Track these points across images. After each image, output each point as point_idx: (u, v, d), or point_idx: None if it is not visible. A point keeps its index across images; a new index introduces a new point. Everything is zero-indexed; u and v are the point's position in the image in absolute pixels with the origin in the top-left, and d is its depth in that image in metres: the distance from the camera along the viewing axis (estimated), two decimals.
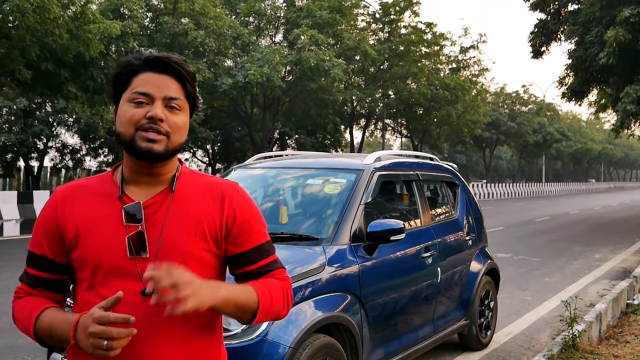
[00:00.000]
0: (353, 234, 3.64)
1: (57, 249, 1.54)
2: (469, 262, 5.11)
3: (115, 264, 1.47)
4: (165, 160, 1.51)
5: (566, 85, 21.15)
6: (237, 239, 1.56)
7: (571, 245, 13.18)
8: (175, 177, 1.56)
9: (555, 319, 6.44)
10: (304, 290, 3.17)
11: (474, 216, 5.47)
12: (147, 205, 1.51)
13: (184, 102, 1.52)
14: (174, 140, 1.49)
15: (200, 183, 1.59)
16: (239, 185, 1.63)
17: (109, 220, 1.50)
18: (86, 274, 1.50)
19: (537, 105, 51.85)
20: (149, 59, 1.50)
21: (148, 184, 1.54)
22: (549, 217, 21.66)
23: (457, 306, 4.90)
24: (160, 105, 1.48)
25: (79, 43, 14.45)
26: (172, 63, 1.50)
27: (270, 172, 4.49)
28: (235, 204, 1.57)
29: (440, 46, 32.25)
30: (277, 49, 23.57)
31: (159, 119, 1.46)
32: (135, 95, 1.48)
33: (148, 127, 1.46)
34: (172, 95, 1.49)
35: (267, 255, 1.61)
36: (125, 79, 1.51)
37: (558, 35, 20.98)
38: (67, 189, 1.58)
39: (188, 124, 1.55)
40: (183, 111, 1.52)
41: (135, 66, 1.50)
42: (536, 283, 8.65)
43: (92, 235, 1.50)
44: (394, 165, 4.47)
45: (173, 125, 1.49)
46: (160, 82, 1.49)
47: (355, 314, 3.49)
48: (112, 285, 1.46)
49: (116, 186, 1.54)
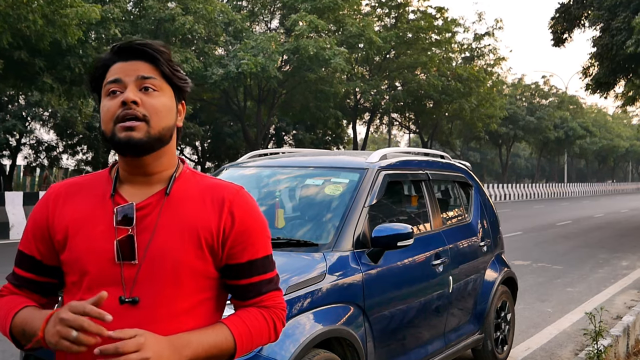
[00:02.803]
0: (356, 239, 3.64)
1: (45, 250, 1.57)
2: (483, 270, 5.11)
3: (102, 269, 1.49)
4: (150, 150, 1.50)
5: (590, 75, 21.15)
6: (232, 249, 1.56)
7: (596, 252, 13.17)
8: (173, 177, 1.57)
9: (578, 332, 6.44)
10: (302, 302, 3.17)
11: (489, 220, 5.47)
12: (141, 207, 1.52)
13: (160, 82, 1.52)
14: (154, 125, 1.49)
15: (201, 185, 1.59)
16: (244, 190, 1.62)
17: (99, 222, 1.52)
18: (74, 278, 1.52)
19: (558, 98, 51.88)
20: (115, 48, 1.53)
21: (144, 184, 1.55)
22: (571, 221, 21.67)
23: (470, 319, 4.91)
24: (133, 89, 1.49)
25: (55, 29, 14.44)
26: (138, 46, 1.51)
27: (265, 171, 4.49)
28: (236, 210, 1.56)
29: (452, 33, 32.26)
30: (272, 36, 23.57)
31: (132, 102, 1.47)
32: (109, 86, 1.50)
33: (123, 115, 1.47)
34: (145, 74, 1.50)
35: (262, 272, 1.60)
36: (99, 75, 1.54)
37: (582, 21, 20.97)
38: (62, 186, 1.61)
39: (173, 108, 1.55)
40: (162, 92, 1.52)
41: (106, 60, 1.54)
42: (557, 293, 8.66)
43: (80, 237, 1.52)
44: (402, 164, 4.47)
45: (150, 107, 1.49)
46: (130, 67, 1.51)
47: (359, 327, 3.49)
48: (97, 292, 1.46)
49: (111, 185, 1.56)
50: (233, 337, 1.52)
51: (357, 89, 30.90)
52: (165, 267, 1.49)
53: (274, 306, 1.62)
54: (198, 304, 1.54)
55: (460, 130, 43.38)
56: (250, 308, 1.60)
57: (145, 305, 1.47)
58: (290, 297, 3.08)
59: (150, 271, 1.49)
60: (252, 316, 1.58)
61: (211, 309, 1.58)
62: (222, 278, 1.60)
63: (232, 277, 1.59)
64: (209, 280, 1.56)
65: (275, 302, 1.63)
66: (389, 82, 32.90)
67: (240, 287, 1.60)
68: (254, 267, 1.58)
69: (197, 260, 1.52)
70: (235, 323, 1.54)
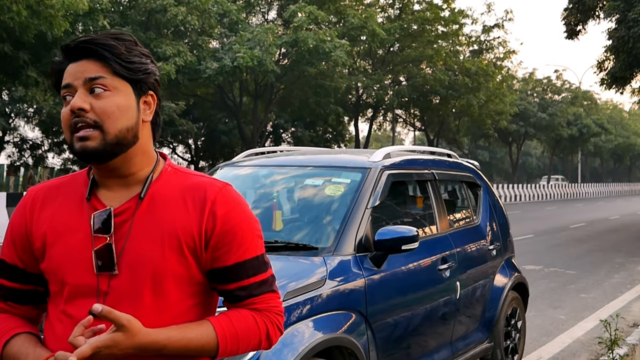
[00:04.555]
0: (358, 242, 3.64)
1: (27, 258, 1.56)
2: (492, 275, 5.12)
3: (80, 280, 1.48)
4: (110, 156, 1.47)
5: (606, 70, 21.14)
6: (216, 252, 1.52)
7: (612, 256, 13.18)
8: (149, 178, 1.53)
9: (593, 341, 6.44)
10: (300, 309, 3.17)
11: (499, 222, 5.47)
12: (119, 212, 1.50)
13: (112, 79, 1.46)
14: (109, 130, 1.44)
15: (182, 184, 1.55)
16: (230, 187, 1.58)
17: (77, 229, 1.50)
18: (55, 287, 1.52)
19: (572, 94, 51.88)
20: (63, 48, 1.50)
21: (121, 186, 1.52)
22: (585, 223, 21.67)
23: (479, 326, 4.91)
24: (82, 93, 1.45)
25: (40, 21, 14.46)
26: (81, 44, 1.47)
27: (262, 170, 4.49)
28: (218, 209, 1.52)
29: (460, 25, 32.29)
30: (270, 27, 23.58)
31: (79, 109, 1.43)
32: (63, 92, 1.48)
33: (75, 123, 1.44)
34: (92, 76, 1.45)
35: (252, 275, 1.56)
36: (57, 80, 1.51)
37: (596, 12, 20.98)
38: (39, 190, 1.59)
39: (132, 106, 1.49)
40: (115, 92, 1.46)
41: (59, 63, 1.51)
42: (571, 300, 8.66)
43: (58, 246, 1.50)
44: (406, 163, 4.47)
45: (100, 111, 1.44)
46: (78, 68, 1.47)
47: (361, 336, 3.49)
48: (77, 304, 1.47)
49: (87, 187, 1.54)
50: (216, 336, 1.49)
51: (359, 84, 30.93)
52: (145, 277, 1.47)
53: (267, 309, 1.58)
54: (185, 312, 1.52)
55: (468, 127, 43.37)
56: (241, 309, 1.57)
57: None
58: (288, 304, 3.07)
59: (130, 282, 1.47)
60: (242, 317, 1.54)
61: (199, 316, 1.56)
62: (211, 283, 1.57)
63: (219, 282, 1.56)
64: (194, 287, 1.54)
65: (269, 305, 1.59)
66: (393, 77, 32.93)
67: (229, 291, 1.57)
68: (242, 269, 1.54)
69: (179, 267, 1.49)
70: (222, 322, 1.52)
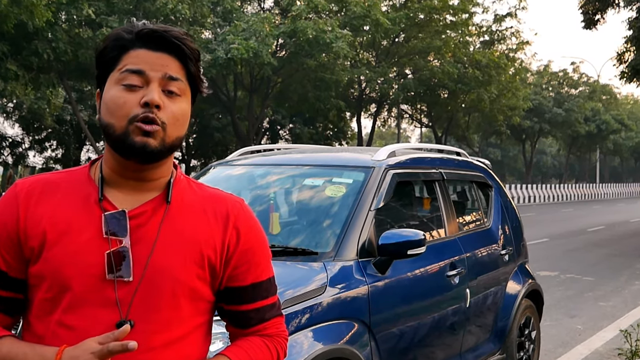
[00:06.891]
0: (361, 247, 3.64)
1: (12, 259, 1.49)
2: (505, 282, 5.12)
3: (89, 285, 1.44)
4: (160, 159, 1.48)
5: (626, 62, 21.15)
6: (235, 270, 1.56)
7: (632, 262, 13.19)
8: (170, 183, 1.54)
9: (612, 352, 6.44)
10: (299, 318, 3.17)
11: (512, 225, 5.48)
12: (134, 215, 1.49)
13: (185, 85, 1.49)
14: (170, 134, 1.46)
15: (200, 195, 1.58)
16: (246, 204, 1.64)
17: (84, 230, 1.47)
18: (48, 294, 1.45)
19: (589, 88, 51.93)
20: (142, 32, 1.47)
21: (135, 189, 1.52)
22: (604, 226, 21.69)
23: (490, 337, 4.91)
24: (157, 88, 1.45)
25: (21, 10, 14.46)
26: (172, 38, 1.47)
27: (258, 170, 4.49)
28: (241, 225, 1.57)
29: (470, 14, 32.26)
30: (266, 17, 23.59)
31: (156, 106, 1.43)
32: (126, 75, 1.45)
33: (144, 117, 1.43)
34: (173, 75, 1.46)
35: (265, 297, 1.61)
36: (112, 56, 1.48)
37: (616, 1, 20.97)
38: (33, 183, 1.53)
39: (189, 116, 1.52)
40: (184, 97, 1.49)
41: (126, 41, 1.47)
42: (588, 308, 8.67)
43: (60, 247, 1.45)
44: (412, 162, 4.47)
45: (170, 114, 1.46)
46: (157, 59, 1.46)
47: (364, 347, 3.49)
48: (82, 313, 1.43)
49: (94, 187, 1.52)
50: None
51: (362, 77, 30.93)
52: (163, 288, 1.47)
53: (277, 334, 1.63)
54: (194, 330, 1.53)
55: (479, 123, 43.38)
56: (252, 337, 1.60)
57: (139, 330, 1.43)
58: (286, 313, 3.07)
59: (146, 291, 1.46)
60: (256, 347, 1.57)
61: (203, 336, 1.57)
62: (219, 302, 1.59)
63: (232, 302, 1.58)
64: (206, 304, 1.55)
65: (278, 330, 1.63)
66: (398, 70, 32.90)
67: (241, 313, 1.59)
68: (257, 290, 1.58)
69: (198, 281, 1.51)
70: (239, 356, 1.53)
